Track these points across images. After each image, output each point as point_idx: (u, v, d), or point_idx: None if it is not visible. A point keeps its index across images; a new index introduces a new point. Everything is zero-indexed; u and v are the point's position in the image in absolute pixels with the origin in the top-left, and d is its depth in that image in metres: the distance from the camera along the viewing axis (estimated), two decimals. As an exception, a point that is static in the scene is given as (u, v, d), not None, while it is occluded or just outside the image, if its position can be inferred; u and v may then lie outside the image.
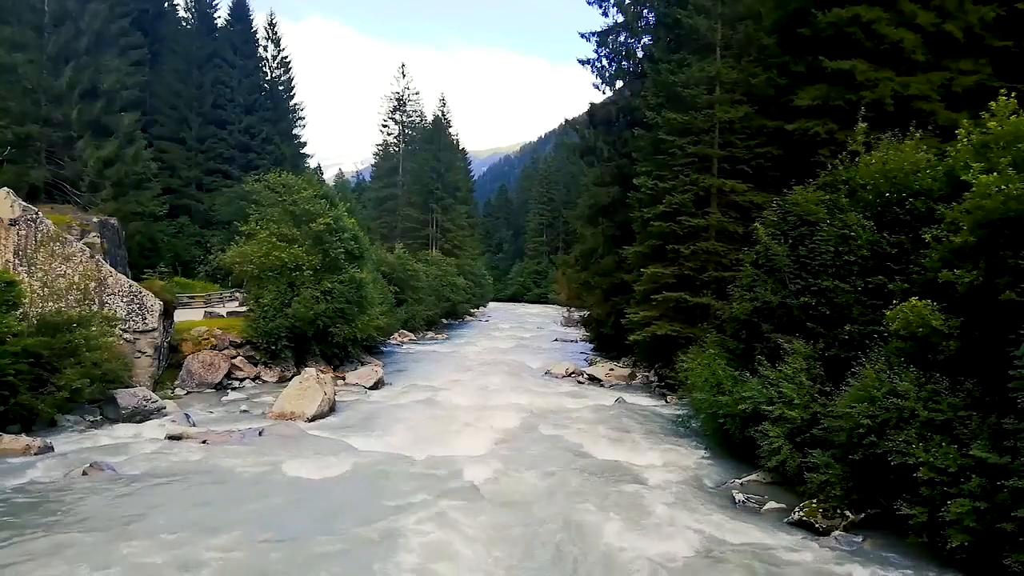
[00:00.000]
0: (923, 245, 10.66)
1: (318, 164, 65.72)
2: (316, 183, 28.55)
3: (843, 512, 10.10)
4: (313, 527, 9.56)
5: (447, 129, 70.41)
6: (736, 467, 13.26)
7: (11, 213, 17.69)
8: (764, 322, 13.57)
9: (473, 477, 12.15)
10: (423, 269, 46.91)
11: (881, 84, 16.64)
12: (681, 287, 20.77)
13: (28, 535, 8.94)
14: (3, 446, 12.66)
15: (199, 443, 14.01)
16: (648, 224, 21.77)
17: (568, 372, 26.23)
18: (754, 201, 19.52)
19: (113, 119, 31.40)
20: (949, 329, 9.45)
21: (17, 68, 27.53)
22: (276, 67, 51.10)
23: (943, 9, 16.97)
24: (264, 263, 23.60)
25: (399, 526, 9.71)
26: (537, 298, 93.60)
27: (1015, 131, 9.59)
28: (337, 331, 24.22)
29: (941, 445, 8.72)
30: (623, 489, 11.87)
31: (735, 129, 20.76)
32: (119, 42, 34.03)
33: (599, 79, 30.62)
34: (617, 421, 17.53)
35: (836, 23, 17.21)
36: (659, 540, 9.49)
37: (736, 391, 12.99)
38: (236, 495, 10.92)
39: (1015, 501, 7.63)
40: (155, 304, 19.39)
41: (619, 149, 29.04)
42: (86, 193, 29.02)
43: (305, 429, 15.99)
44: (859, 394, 9.96)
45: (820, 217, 12.96)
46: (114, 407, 16.15)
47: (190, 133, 44.60)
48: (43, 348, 14.67)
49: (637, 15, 29.39)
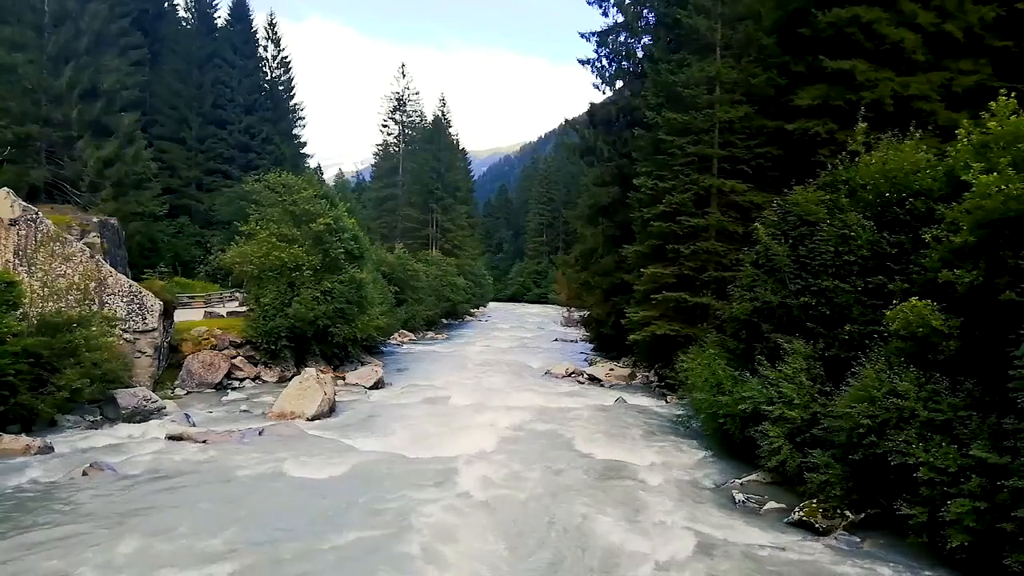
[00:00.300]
0: (923, 245, 10.65)
1: (318, 164, 65.78)
2: (316, 183, 28.56)
3: (843, 512, 10.09)
4: (313, 527, 9.56)
5: (447, 129, 70.41)
6: (736, 467, 13.25)
7: (11, 213, 17.69)
8: (764, 322, 13.57)
9: (473, 477, 12.15)
10: (423, 269, 46.92)
11: (881, 84, 16.65)
12: (681, 287, 20.77)
13: (28, 535, 8.94)
14: (3, 446, 12.66)
15: (199, 443, 14.01)
16: (648, 224, 21.77)
17: (568, 372, 26.24)
18: (754, 201, 19.52)
19: (113, 119, 31.39)
20: (949, 329, 9.45)
21: (17, 68, 27.53)
22: (276, 67, 51.09)
23: (943, 9, 16.97)
24: (264, 263, 23.61)
25: (399, 526, 9.71)
26: (537, 298, 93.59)
27: (1015, 131, 9.59)
28: (337, 331, 24.22)
29: (941, 445, 8.72)
30: (623, 489, 11.88)
31: (735, 129, 20.76)
32: (119, 42, 34.01)
33: (599, 79, 30.67)
34: (617, 421, 17.53)
35: (836, 23, 17.21)
36: (659, 540, 9.48)
37: (736, 391, 12.99)
38: (236, 495, 10.91)
39: (1015, 501, 7.62)
40: (155, 304, 19.39)
41: (619, 149, 29.04)
42: (86, 193, 29.02)
43: (305, 429, 15.99)
44: (859, 394, 9.96)
45: (820, 217, 12.96)
46: (114, 407, 16.15)
47: (190, 133, 44.59)
48: (43, 348, 14.67)
49: (637, 15, 29.39)
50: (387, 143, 70.07)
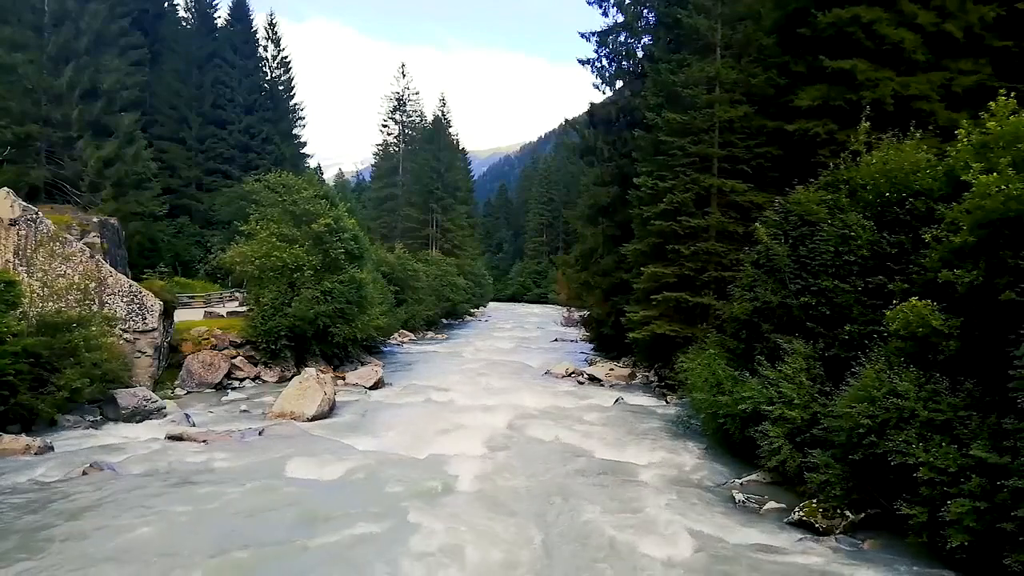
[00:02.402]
0: (923, 245, 10.65)
1: (318, 164, 65.99)
2: (316, 183, 28.58)
3: (843, 512, 10.09)
4: (313, 527, 9.56)
5: (447, 129, 70.40)
6: (736, 467, 13.26)
7: (11, 213, 17.70)
8: (764, 322, 13.57)
9: (473, 477, 12.16)
10: (423, 269, 46.92)
11: (881, 84, 16.63)
12: (682, 287, 20.76)
13: (28, 535, 8.94)
14: (3, 446, 12.67)
15: (199, 443, 14.01)
16: (648, 223, 21.76)
17: (568, 372, 26.23)
18: (754, 201, 19.52)
19: (113, 119, 31.42)
20: (949, 329, 9.44)
21: (17, 68, 27.56)
22: (276, 67, 51.12)
23: (943, 9, 16.96)
24: (264, 263, 23.62)
25: (399, 526, 9.72)
26: (537, 298, 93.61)
27: (1015, 131, 9.57)
28: (337, 331, 24.23)
29: (941, 445, 8.71)
30: (622, 489, 11.89)
31: (735, 129, 20.75)
32: (119, 42, 34.02)
33: (599, 79, 30.63)
34: (617, 421, 17.54)
35: (836, 23, 17.19)
36: (658, 540, 9.48)
37: (736, 391, 12.98)
38: (236, 495, 10.90)
39: (1015, 501, 7.62)
40: (155, 304, 19.40)
41: (619, 149, 29.03)
42: (86, 193, 29.05)
43: (305, 429, 15.99)
44: (859, 394, 9.95)
45: (820, 217, 12.96)
46: (114, 407, 16.15)
47: (190, 133, 44.62)
48: (43, 348, 14.69)
49: (637, 15, 29.38)
50: (387, 143, 70.12)
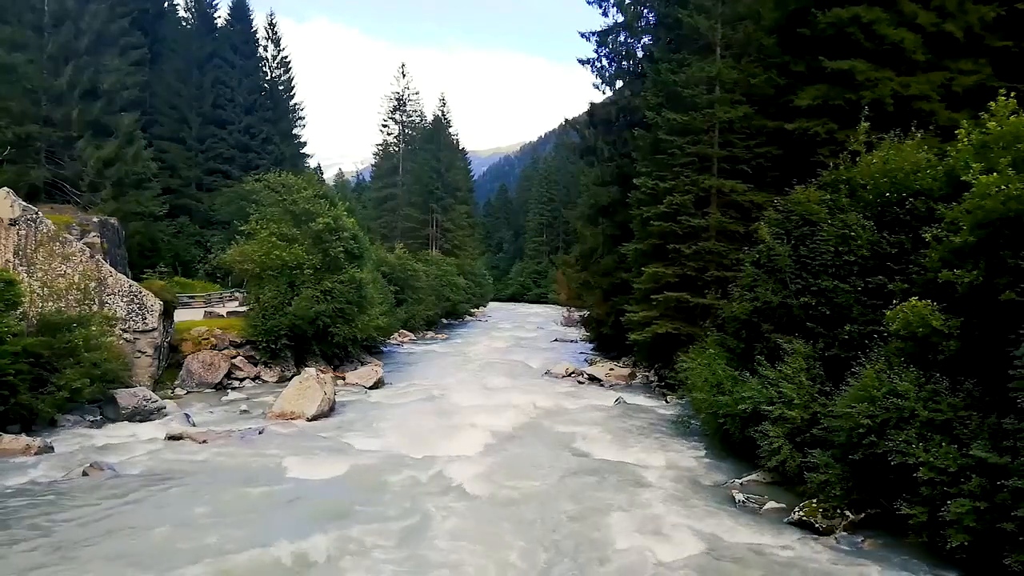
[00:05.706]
0: (923, 245, 10.66)
1: (318, 164, 65.81)
2: (316, 183, 28.57)
3: (843, 512, 10.09)
4: (314, 527, 9.54)
5: (447, 129, 70.43)
6: (736, 467, 13.26)
7: (11, 213, 17.69)
8: (764, 322, 13.56)
9: (473, 477, 12.16)
10: (423, 269, 46.86)
11: (881, 84, 16.63)
12: (682, 287, 20.75)
13: (28, 535, 8.95)
14: (3, 446, 12.67)
15: (199, 443, 14.02)
16: (648, 223, 21.76)
17: (568, 372, 26.23)
18: (754, 201, 19.51)
19: (113, 119, 31.36)
20: (949, 329, 9.45)
21: (17, 68, 27.50)
22: (276, 67, 51.08)
23: (943, 9, 16.95)
24: (264, 263, 23.62)
25: (399, 526, 9.72)
26: (537, 298, 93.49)
27: (1015, 131, 9.58)
28: (337, 331, 24.22)
29: (941, 445, 8.72)
30: (622, 489, 11.89)
31: (735, 129, 20.74)
32: (119, 42, 33.97)
33: (599, 79, 30.64)
34: (617, 421, 17.55)
35: (836, 23, 17.19)
36: (658, 540, 9.49)
37: (736, 391, 12.99)
38: (236, 495, 10.91)
39: (1015, 501, 7.63)
40: (155, 304, 19.40)
41: (619, 149, 29.03)
42: (86, 193, 29.01)
43: (305, 429, 16.00)
44: (859, 394, 9.96)
45: (821, 217, 12.96)
46: (114, 407, 16.15)
47: (190, 133, 44.58)
48: (43, 348, 14.69)
49: (637, 15, 29.37)
50: (387, 143, 70.11)
